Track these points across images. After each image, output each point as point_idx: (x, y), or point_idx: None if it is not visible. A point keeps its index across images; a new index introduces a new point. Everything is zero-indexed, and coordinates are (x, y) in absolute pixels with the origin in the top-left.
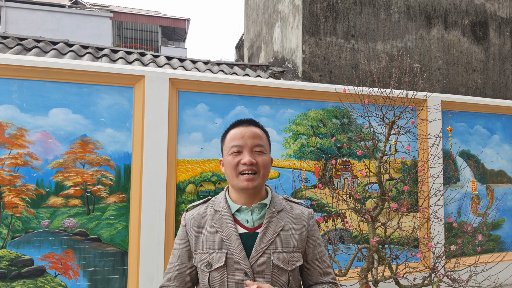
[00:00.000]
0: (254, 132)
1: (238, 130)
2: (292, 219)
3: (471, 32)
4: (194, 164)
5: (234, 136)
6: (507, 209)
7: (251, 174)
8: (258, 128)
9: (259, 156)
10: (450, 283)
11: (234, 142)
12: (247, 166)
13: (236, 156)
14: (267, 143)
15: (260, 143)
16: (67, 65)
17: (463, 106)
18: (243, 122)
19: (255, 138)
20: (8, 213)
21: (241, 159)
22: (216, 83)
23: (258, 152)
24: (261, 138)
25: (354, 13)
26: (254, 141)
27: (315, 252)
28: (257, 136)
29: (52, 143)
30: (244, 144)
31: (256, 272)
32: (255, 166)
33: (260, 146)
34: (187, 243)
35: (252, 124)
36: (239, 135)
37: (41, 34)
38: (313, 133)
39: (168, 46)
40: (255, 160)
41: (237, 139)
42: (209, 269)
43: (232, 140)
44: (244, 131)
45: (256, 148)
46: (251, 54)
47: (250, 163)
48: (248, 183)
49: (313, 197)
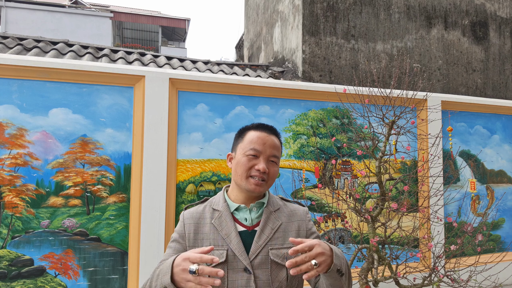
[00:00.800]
0: (275, 143)
1: (261, 134)
2: (288, 216)
3: (471, 32)
4: (194, 164)
5: (256, 140)
6: (507, 209)
7: (260, 180)
8: (278, 140)
9: (272, 166)
10: (450, 283)
11: (254, 145)
12: (259, 173)
13: (252, 159)
14: (280, 156)
15: (277, 154)
16: (67, 65)
17: (463, 106)
18: (266, 128)
19: (274, 148)
20: (8, 213)
21: (255, 164)
22: (216, 83)
23: (272, 162)
24: (278, 150)
25: (354, 13)
26: (273, 151)
27: None
28: (276, 147)
29: (52, 143)
30: (263, 151)
31: (255, 268)
32: (266, 175)
33: (276, 157)
34: (183, 238)
35: (274, 133)
36: (261, 140)
37: (41, 34)
38: (313, 133)
39: (168, 46)
40: (268, 169)
41: (258, 144)
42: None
43: (252, 142)
44: (266, 138)
45: (272, 158)
46: (251, 54)
47: (264, 171)
48: (256, 187)
49: (313, 197)
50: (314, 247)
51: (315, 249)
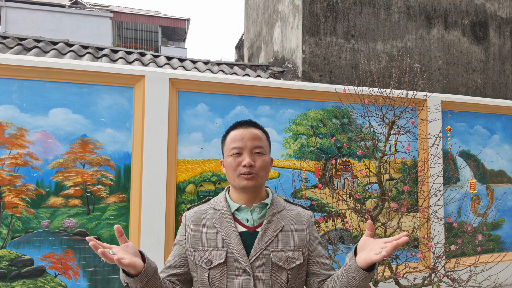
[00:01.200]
0: (254, 134)
1: (238, 131)
2: (292, 219)
3: (471, 32)
4: (194, 164)
5: (234, 138)
6: (507, 209)
7: (250, 175)
8: (258, 129)
9: (259, 157)
10: (450, 283)
11: (234, 144)
12: (246, 168)
13: (236, 157)
14: (267, 144)
15: (260, 144)
16: (67, 65)
17: (463, 106)
18: (243, 124)
19: (254, 140)
20: (8, 213)
21: (241, 161)
22: (216, 83)
23: (258, 154)
24: (260, 140)
25: (354, 13)
26: (254, 142)
27: (318, 249)
28: (257, 137)
29: (52, 143)
30: (244, 146)
31: (255, 270)
32: (254, 168)
33: (260, 147)
34: (184, 240)
35: (251, 125)
36: (239, 136)
37: (41, 34)
38: (313, 133)
39: (168, 46)
40: (255, 162)
41: (237, 141)
42: (209, 266)
43: (232, 141)
44: (244, 132)
45: (256, 150)
46: (251, 54)
47: (250, 165)
48: (248, 182)
49: (313, 197)
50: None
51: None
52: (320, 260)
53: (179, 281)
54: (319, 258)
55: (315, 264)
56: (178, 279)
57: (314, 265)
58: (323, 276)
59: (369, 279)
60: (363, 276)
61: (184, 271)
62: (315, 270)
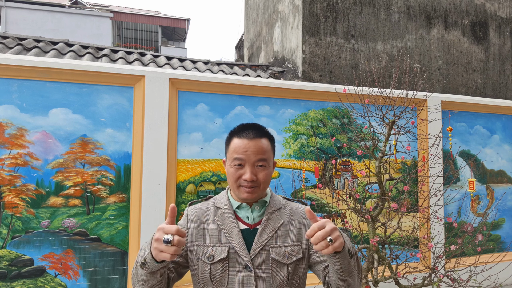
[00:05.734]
0: (258, 147)
1: (242, 142)
2: (290, 215)
3: (471, 32)
4: (194, 164)
5: (238, 149)
6: (507, 209)
7: (250, 188)
8: (263, 139)
9: (261, 170)
10: (450, 283)
11: (237, 155)
12: (247, 182)
13: (238, 169)
14: (270, 155)
15: (264, 157)
16: (67, 65)
17: (463, 106)
18: (248, 130)
19: (258, 153)
20: (8, 213)
21: (242, 174)
22: (216, 83)
23: (261, 167)
24: (264, 152)
25: (354, 13)
26: (258, 156)
27: None
28: (261, 150)
29: (52, 143)
30: (247, 159)
31: (256, 266)
32: (256, 182)
33: (263, 160)
34: (186, 231)
35: (257, 135)
36: (242, 148)
37: (41, 34)
38: (313, 133)
39: (168, 46)
40: (257, 175)
41: (240, 153)
42: (211, 261)
43: (235, 152)
44: (248, 145)
45: (259, 163)
46: (251, 54)
47: (251, 180)
48: (248, 195)
49: (313, 197)
50: (326, 224)
51: (328, 225)
52: None
53: (175, 269)
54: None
55: (316, 252)
56: (174, 267)
57: (315, 254)
58: (326, 263)
59: (346, 257)
60: (337, 259)
61: (181, 261)
62: (317, 259)
